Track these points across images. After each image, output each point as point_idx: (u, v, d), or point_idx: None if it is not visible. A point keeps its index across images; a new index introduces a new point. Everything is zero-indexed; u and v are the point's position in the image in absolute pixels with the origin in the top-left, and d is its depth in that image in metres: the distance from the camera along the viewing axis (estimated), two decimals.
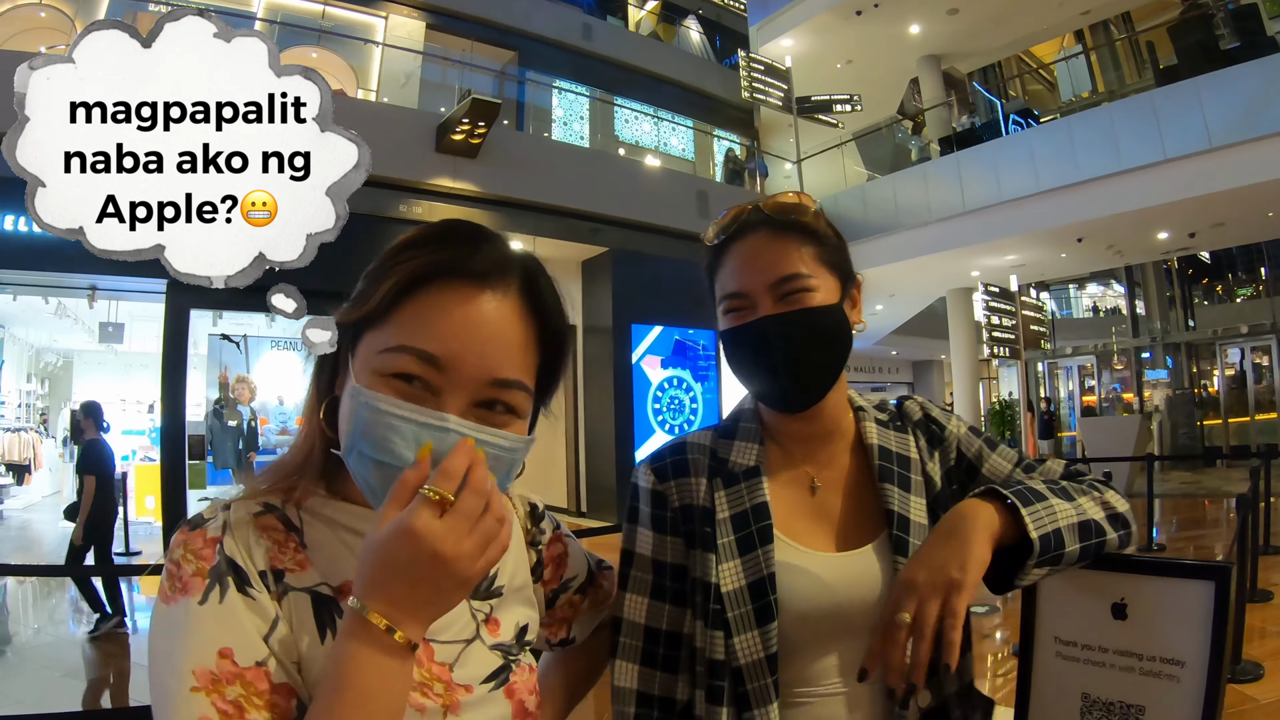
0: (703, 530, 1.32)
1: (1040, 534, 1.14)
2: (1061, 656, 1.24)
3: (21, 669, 6.00)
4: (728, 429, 1.43)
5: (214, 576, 0.90)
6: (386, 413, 0.90)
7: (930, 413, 1.47)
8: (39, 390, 17.72)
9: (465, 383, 0.94)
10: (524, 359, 1.00)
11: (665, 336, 13.47)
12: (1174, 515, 11.96)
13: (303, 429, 1.07)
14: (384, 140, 11.16)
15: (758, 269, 1.30)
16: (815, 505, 1.36)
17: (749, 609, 1.25)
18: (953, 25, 16.15)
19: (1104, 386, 23.19)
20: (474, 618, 1.09)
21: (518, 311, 1.00)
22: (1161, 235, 13.80)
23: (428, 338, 0.93)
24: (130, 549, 9.81)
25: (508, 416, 0.97)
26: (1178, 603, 1.16)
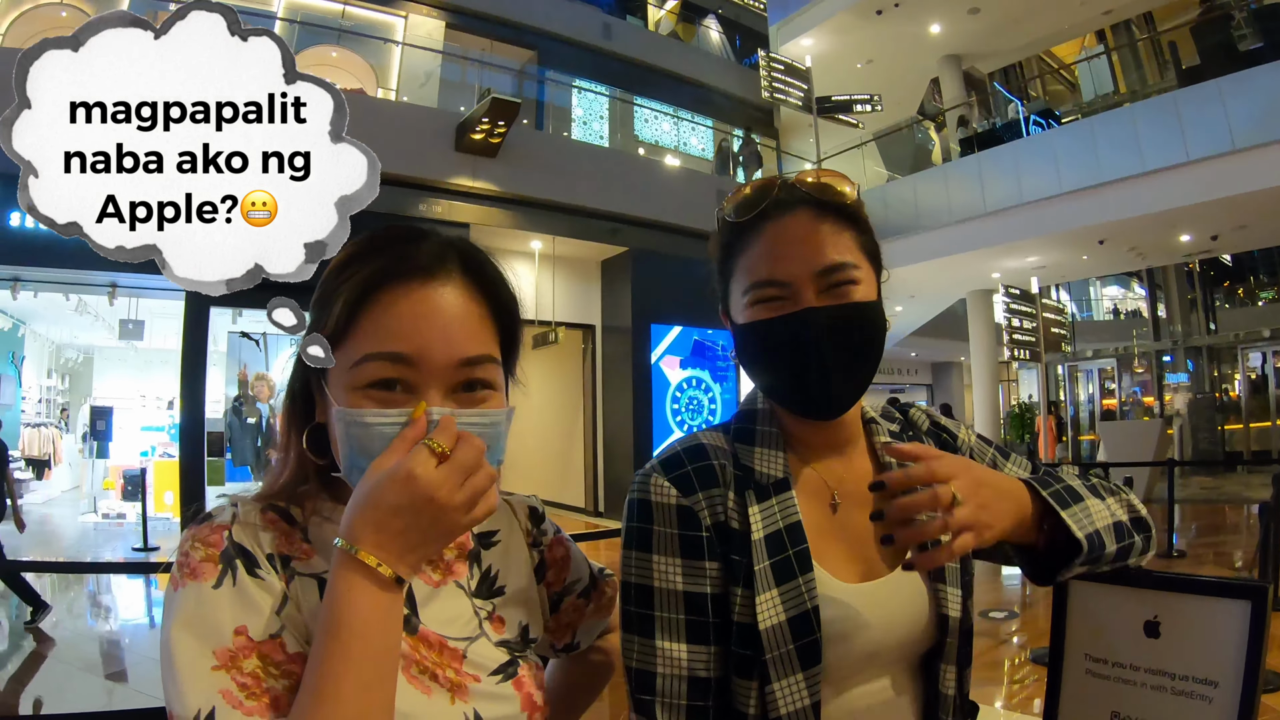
0: (732, 556, 1.13)
1: (1086, 535, 1.09)
2: (1092, 674, 1.21)
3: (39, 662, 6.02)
4: (745, 431, 1.24)
5: (225, 560, 0.93)
6: (374, 425, 0.93)
7: (939, 421, 1.38)
8: (59, 386, 17.82)
9: (438, 371, 0.97)
10: (484, 333, 1.03)
11: (684, 337, 13.47)
12: (1194, 521, 11.87)
13: (283, 459, 1.08)
14: (404, 139, 11.21)
15: (801, 255, 1.15)
16: (837, 524, 1.20)
17: (790, 649, 1.08)
18: (973, 25, 16.09)
19: (1124, 390, 23.04)
20: (477, 615, 1.10)
21: (466, 292, 1.03)
22: (1184, 237, 13.71)
23: (391, 340, 0.96)
24: (149, 545, 9.83)
25: (485, 392, 1.01)
26: (1212, 622, 1.13)
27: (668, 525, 1.13)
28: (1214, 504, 13.89)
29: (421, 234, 1.06)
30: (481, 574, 1.15)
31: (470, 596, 1.11)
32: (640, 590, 1.13)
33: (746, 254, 1.20)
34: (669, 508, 1.13)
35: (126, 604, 8.27)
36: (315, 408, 1.06)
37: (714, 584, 1.12)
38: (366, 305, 0.98)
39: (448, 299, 1.01)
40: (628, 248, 13.31)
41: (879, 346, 1.18)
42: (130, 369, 16.93)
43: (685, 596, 1.11)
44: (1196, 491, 15.17)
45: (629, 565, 1.15)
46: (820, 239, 1.15)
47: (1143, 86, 20.45)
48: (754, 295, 1.17)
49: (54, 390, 17.54)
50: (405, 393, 0.96)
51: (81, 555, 10.22)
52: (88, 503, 13.47)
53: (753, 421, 1.25)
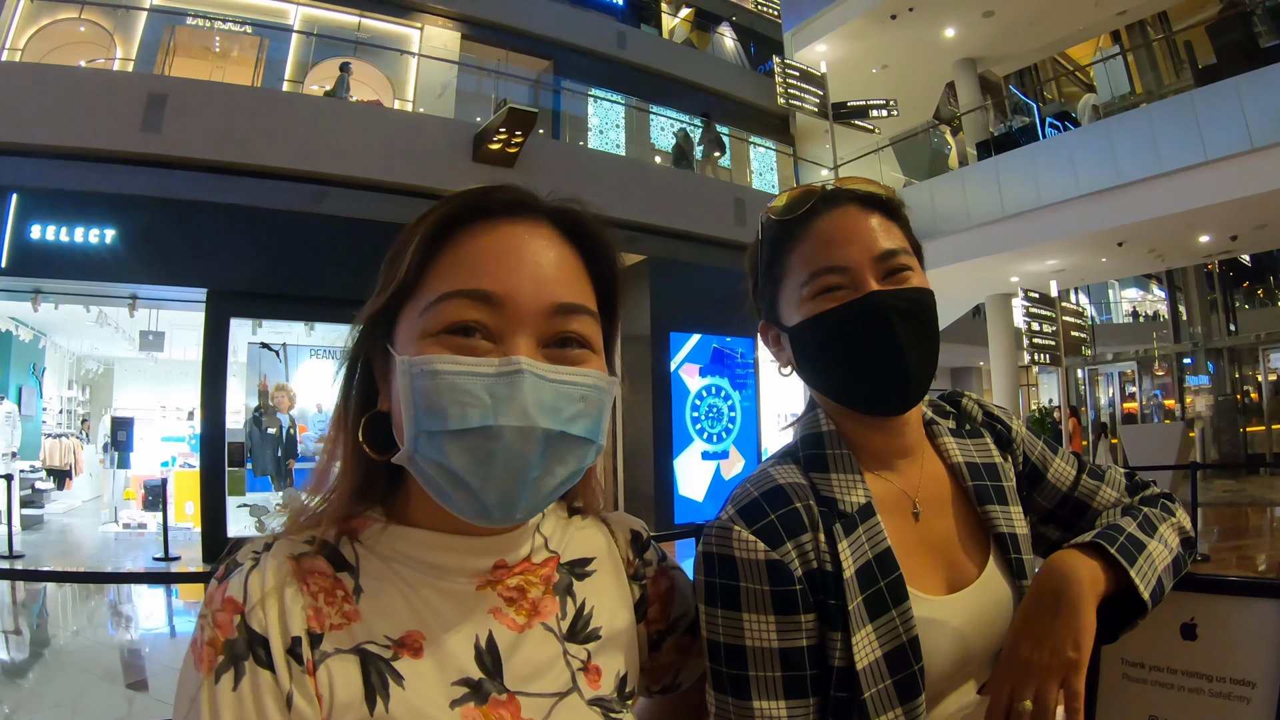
0: (827, 601, 1.05)
1: (1150, 592, 1.05)
2: (1129, 678, 1.21)
3: (61, 672, 6.04)
4: (817, 459, 1.16)
5: (229, 654, 0.79)
6: (446, 374, 0.81)
7: (991, 411, 1.33)
8: (80, 397, 17.96)
9: (527, 315, 0.85)
10: (580, 283, 0.93)
11: (703, 345, 13.45)
12: (1217, 524, 11.79)
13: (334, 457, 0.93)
14: (421, 150, 11.28)
15: (859, 241, 1.13)
16: (920, 535, 1.15)
17: (888, 684, 1.02)
18: (988, 28, 16.05)
19: (1145, 393, 22.92)
20: (569, 665, 0.94)
21: (558, 236, 0.93)
22: (1203, 238, 13.63)
23: (474, 276, 0.85)
24: (170, 555, 9.88)
25: (583, 352, 0.90)
26: (1249, 623, 1.12)
27: (757, 582, 1.03)
28: (1237, 507, 13.79)
29: (511, 185, 0.94)
30: (575, 611, 0.99)
31: (562, 640, 0.95)
32: (731, 650, 1.03)
33: (799, 249, 1.16)
34: (757, 563, 1.04)
35: (147, 614, 8.29)
36: (377, 397, 0.93)
37: (810, 637, 1.04)
38: (445, 244, 0.88)
39: (539, 238, 0.90)
40: (645, 256, 13.30)
41: (938, 339, 1.15)
42: (150, 380, 17.03)
43: (781, 653, 1.03)
44: (1219, 495, 15.09)
45: (715, 622, 1.04)
46: (872, 228, 1.14)
47: (1159, 87, 20.38)
48: (813, 286, 1.13)
49: (75, 401, 17.68)
50: (484, 341, 0.84)
51: (102, 565, 10.27)
52: (108, 512, 13.52)
53: (821, 446, 1.18)
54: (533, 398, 0.82)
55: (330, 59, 14.67)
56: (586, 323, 0.90)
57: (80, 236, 9.49)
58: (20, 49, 12.39)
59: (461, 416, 0.81)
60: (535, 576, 0.96)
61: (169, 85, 10.52)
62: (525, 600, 0.94)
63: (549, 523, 1.02)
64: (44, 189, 9.45)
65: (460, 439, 0.81)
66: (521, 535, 0.96)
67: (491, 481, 0.82)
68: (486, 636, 0.89)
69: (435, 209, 0.90)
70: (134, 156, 9.86)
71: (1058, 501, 1.29)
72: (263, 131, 10.53)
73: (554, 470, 0.85)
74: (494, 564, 0.93)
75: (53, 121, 9.56)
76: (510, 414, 0.81)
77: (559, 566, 1.00)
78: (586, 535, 1.07)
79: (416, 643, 0.86)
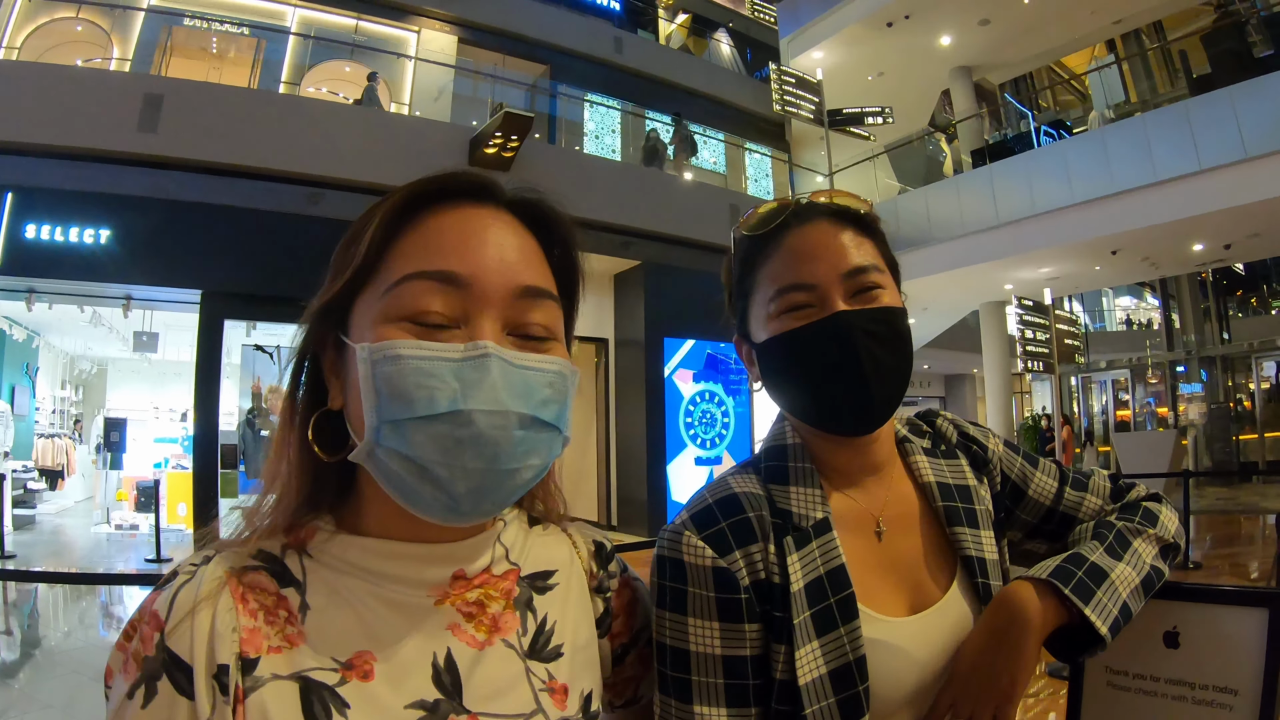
0: (773, 613, 1.05)
1: (1109, 626, 1.04)
2: (1113, 686, 1.21)
3: (52, 673, 6.03)
4: (777, 470, 1.16)
5: (145, 672, 0.76)
6: (413, 358, 0.78)
7: (966, 431, 1.31)
8: (73, 397, 17.91)
9: (492, 298, 0.83)
10: (543, 268, 0.91)
11: (697, 350, 13.47)
12: (1210, 532, 11.80)
13: (281, 460, 0.89)
14: (417, 154, 11.29)
15: (827, 258, 1.11)
16: (883, 555, 1.13)
17: (831, 702, 1.01)
18: (984, 36, 16.11)
19: (1138, 401, 22.96)
20: (531, 685, 0.90)
21: (519, 224, 0.91)
22: (1197, 247, 13.67)
23: (439, 256, 0.83)
24: (161, 556, 9.86)
25: (549, 343, 0.88)
26: (1231, 631, 1.13)
27: (703, 588, 1.04)
28: (1229, 515, 13.81)
29: (473, 169, 0.92)
30: (536, 627, 0.95)
31: (523, 658, 0.92)
32: (676, 653, 1.04)
33: (768, 265, 1.15)
34: (704, 569, 1.04)
35: None
36: (327, 395, 0.89)
37: (754, 646, 1.04)
38: (406, 226, 0.86)
39: (502, 224, 0.89)
40: (640, 261, 13.32)
41: (910, 357, 1.13)
42: (144, 381, 17.04)
43: (724, 660, 1.03)
44: (1212, 502, 15.10)
45: (663, 626, 1.05)
46: (843, 244, 1.12)
47: (1154, 95, 20.43)
48: (780, 303, 1.12)
49: (68, 401, 17.65)
50: (447, 328, 0.82)
51: (94, 566, 10.25)
52: (101, 513, 13.50)
53: (784, 458, 1.17)
54: (502, 381, 0.80)
55: (327, 61, 14.69)
56: (550, 309, 0.89)
57: (75, 236, 9.47)
58: (17, 47, 12.37)
59: (429, 401, 0.77)
60: (495, 590, 0.93)
61: (165, 86, 10.50)
62: (485, 615, 0.90)
63: (510, 532, 0.99)
64: (39, 188, 9.43)
65: (427, 426, 0.78)
66: (482, 543, 0.93)
67: (462, 472, 0.79)
68: (445, 655, 0.86)
69: (395, 192, 0.89)
70: (130, 157, 9.85)
71: (1042, 516, 1.28)
72: (258, 133, 10.53)
73: (527, 460, 0.83)
74: (452, 574, 0.89)
75: (49, 121, 9.54)
76: (480, 398, 0.78)
77: (519, 580, 0.97)
78: (548, 546, 1.04)
79: (367, 664, 0.82)
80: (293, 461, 0.88)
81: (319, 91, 14.49)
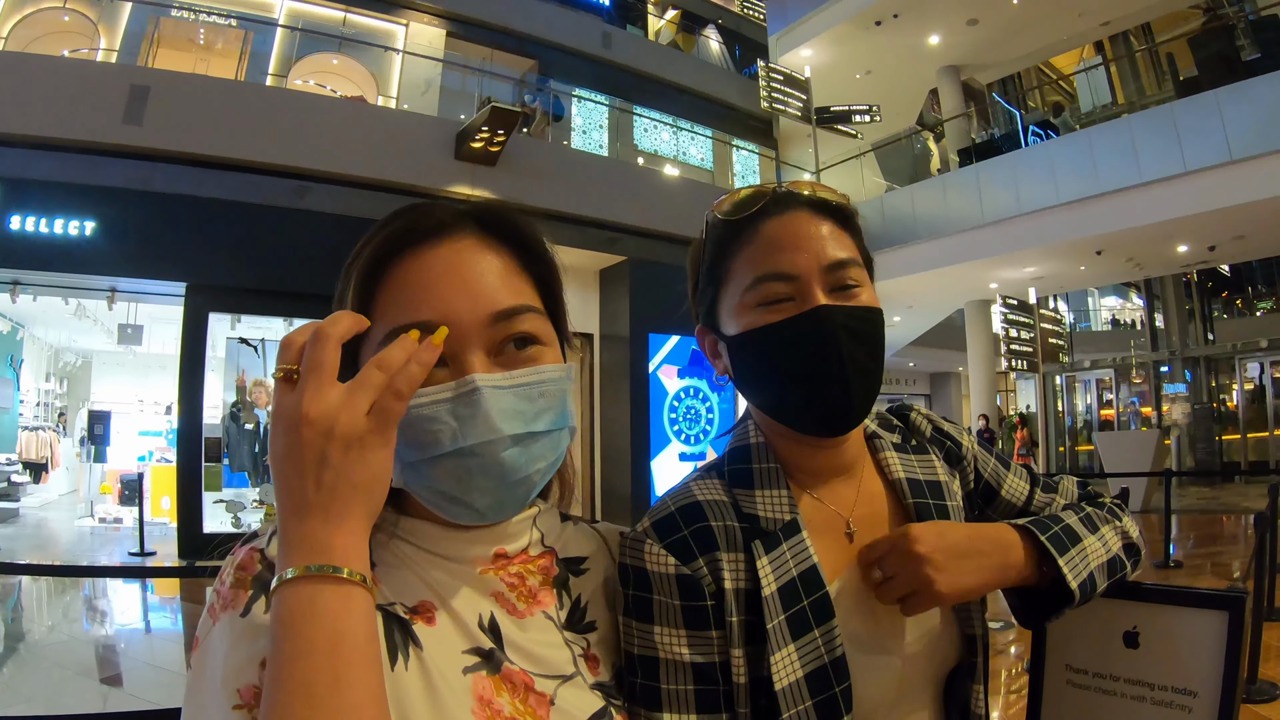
0: (746, 619, 1.03)
1: (1079, 582, 1.05)
2: (1072, 684, 1.22)
3: (35, 666, 6.01)
4: (741, 474, 1.13)
5: (256, 584, 0.80)
6: (413, 408, 0.82)
7: (941, 427, 1.28)
8: (58, 390, 17.83)
9: (470, 332, 0.87)
10: (516, 283, 0.93)
11: (682, 346, 13.44)
12: (1192, 531, 11.86)
13: None
14: (404, 147, 11.27)
15: (809, 248, 1.06)
16: (854, 555, 1.10)
17: (808, 705, 0.99)
18: (972, 36, 16.15)
19: (1122, 400, 23.02)
20: (570, 649, 0.96)
21: (487, 245, 0.93)
22: (1181, 248, 13.73)
23: (413, 308, 0.87)
24: (145, 550, 9.83)
25: (535, 349, 0.91)
26: (1190, 633, 1.13)
27: (668, 595, 1.02)
28: (1211, 514, 13.87)
29: (430, 204, 0.95)
30: (572, 604, 1.01)
31: (561, 629, 0.97)
32: (645, 661, 1.00)
33: (745, 252, 1.10)
34: (667, 577, 1.02)
35: (122, 608, 8.25)
36: None
37: (722, 653, 1.02)
38: (380, 281, 0.90)
39: (465, 253, 0.91)
40: (626, 257, 13.27)
41: (883, 359, 1.10)
42: (129, 373, 16.96)
43: (693, 667, 1.01)
44: (1194, 502, 15.18)
45: (630, 635, 1.02)
46: (824, 235, 1.08)
47: (1140, 97, 20.50)
48: (758, 293, 1.07)
49: (52, 394, 17.56)
50: (441, 367, 0.85)
51: (78, 559, 10.18)
52: (85, 507, 13.46)
53: (748, 460, 1.14)
54: (494, 409, 0.84)
55: (315, 54, 14.64)
56: (532, 320, 0.92)
57: (60, 228, 9.42)
58: (3, 37, 12.29)
59: (434, 444, 0.84)
60: (534, 566, 0.99)
61: (152, 77, 10.45)
62: (525, 588, 0.96)
63: (545, 519, 1.03)
64: (24, 179, 9.37)
65: (439, 463, 0.85)
66: (519, 527, 0.98)
67: (478, 492, 0.86)
68: (489, 617, 0.91)
69: (361, 249, 0.92)
70: (115, 148, 9.79)
71: (1013, 516, 1.25)
72: (246, 125, 10.49)
73: (534, 466, 0.89)
74: (494, 552, 0.95)
75: (34, 111, 9.49)
76: (476, 431, 0.84)
77: (556, 561, 1.02)
78: (579, 537, 1.11)
79: (430, 611, 0.88)
80: None
81: (307, 84, 14.43)
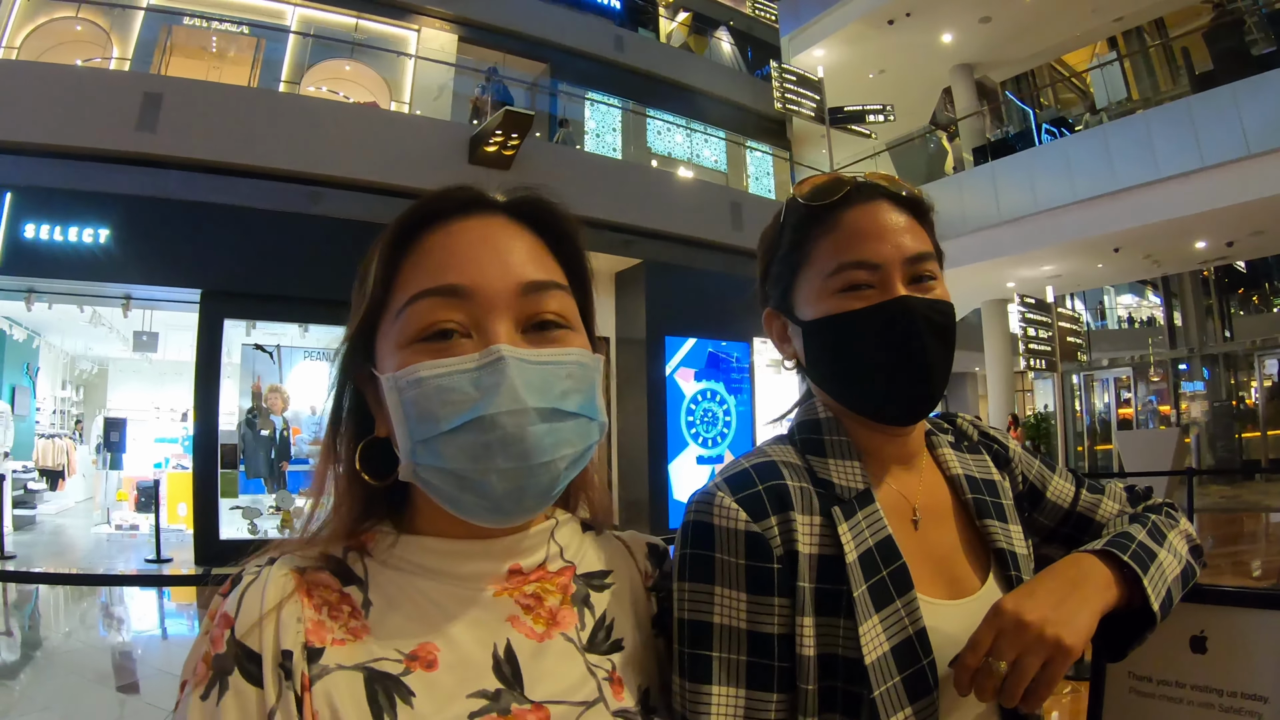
0: (819, 587, 0.98)
1: (1160, 604, 0.99)
2: (1136, 692, 1.17)
3: (52, 674, 6.02)
4: (814, 443, 1.10)
5: (216, 668, 0.77)
6: (433, 378, 0.81)
7: (986, 431, 1.29)
8: (74, 397, 17.93)
9: (499, 300, 0.85)
10: (546, 260, 0.91)
11: (699, 349, 13.42)
12: (1213, 530, 11.78)
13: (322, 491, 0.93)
14: (417, 152, 11.29)
15: (892, 239, 1.06)
16: (919, 542, 1.07)
17: (897, 681, 0.94)
18: (985, 34, 16.09)
19: (1140, 399, 22.91)
20: (593, 675, 0.90)
21: (517, 225, 0.92)
22: (1199, 244, 13.67)
23: (441, 273, 0.85)
24: (162, 556, 9.84)
25: (563, 332, 0.88)
26: (1261, 636, 1.08)
27: (733, 554, 0.96)
28: (1232, 513, 13.79)
29: (462, 185, 0.93)
30: (595, 623, 0.95)
31: (583, 652, 0.91)
32: (695, 627, 0.95)
33: (828, 238, 1.09)
34: (736, 533, 0.96)
35: (139, 616, 8.27)
36: (373, 423, 0.92)
37: (782, 624, 0.96)
38: (405, 252, 0.88)
39: (494, 226, 0.90)
40: (641, 260, 13.27)
41: (954, 352, 1.09)
42: (144, 381, 17.03)
43: (749, 636, 0.95)
44: (1214, 500, 15.08)
45: (683, 599, 0.97)
46: (903, 228, 1.08)
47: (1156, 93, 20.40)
48: (839, 279, 1.06)
49: (68, 402, 17.66)
50: (465, 339, 0.84)
51: (94, 566, 10.22)
52: (101, 514, 13.51)
53: (818, 431, 1.12)
54: (520, 380, 0.81)
55: (327, 60, 14.67)
56: (560, 298, 0.90)
57: (75, 236, 9.47)
58: (16, 47, 12.37)
59: (452, 415, 0.80)
60: (552, 584, 0.94)
61: (165, 85, 10.50)
62: (543, 608, 0.91)
63: (564, 532, 0.99)
64: (39, 187, 9.43)
65: (455, 438, 0.80)
66: (536, 539, 0.94)
67: (496, 474, 0.81)
68: (505, 646, 0.86)
69: (391, 223, 0.91)
70: (129, 156, 9.84)
71: (1060, 519, 1.25)
72: (259, 132, 10.52)
73: (559, 451, 0.84)
74: (509, 568, 0.91)
75: (48, 120, 9.54)
76: (500, 400, 0.80)
77: (575, 577, 0.97)
78: (602, 549, 1.04)
79: (430, 655, 0.83)
80: (342, 489, 0.91)
81: (319, 90, 14.46)
